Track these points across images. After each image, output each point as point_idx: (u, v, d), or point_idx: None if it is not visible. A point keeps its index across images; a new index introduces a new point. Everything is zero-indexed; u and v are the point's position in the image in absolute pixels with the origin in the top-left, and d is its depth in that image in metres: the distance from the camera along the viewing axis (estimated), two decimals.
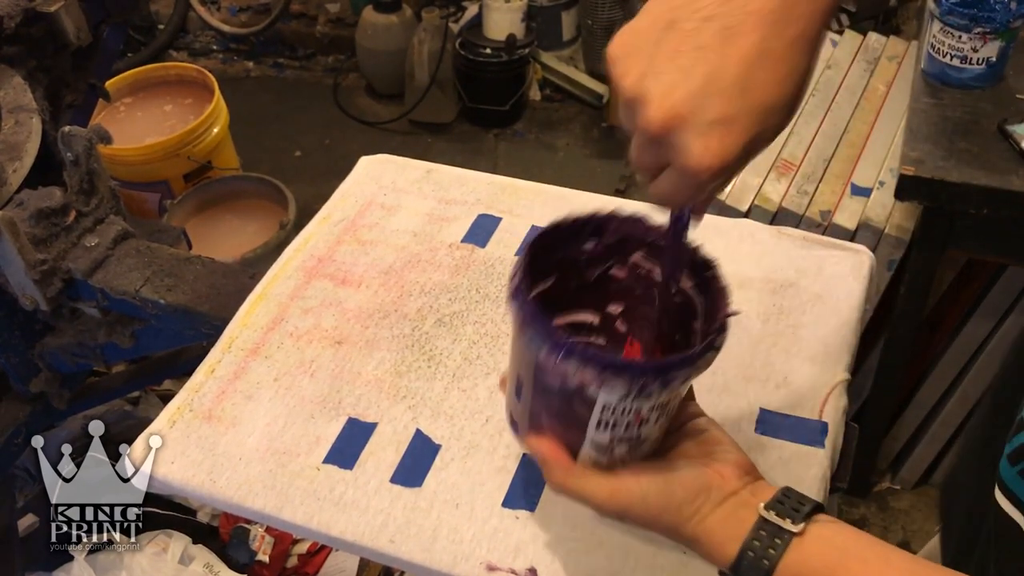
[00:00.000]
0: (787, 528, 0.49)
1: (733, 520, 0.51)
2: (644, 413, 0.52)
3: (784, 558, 0.48)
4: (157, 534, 1.43)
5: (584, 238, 0.58)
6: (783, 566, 0.48)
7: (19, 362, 1.01)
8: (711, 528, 0.51)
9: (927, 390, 1.55)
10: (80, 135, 0.90)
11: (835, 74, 1.63)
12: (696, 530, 0.52)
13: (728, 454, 0.54)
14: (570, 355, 0.49)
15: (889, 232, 1.34)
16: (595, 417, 0.52)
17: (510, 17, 2.60)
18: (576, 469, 0.54)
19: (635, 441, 0.54)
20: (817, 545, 0.49)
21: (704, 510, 0.52)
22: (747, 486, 0.53)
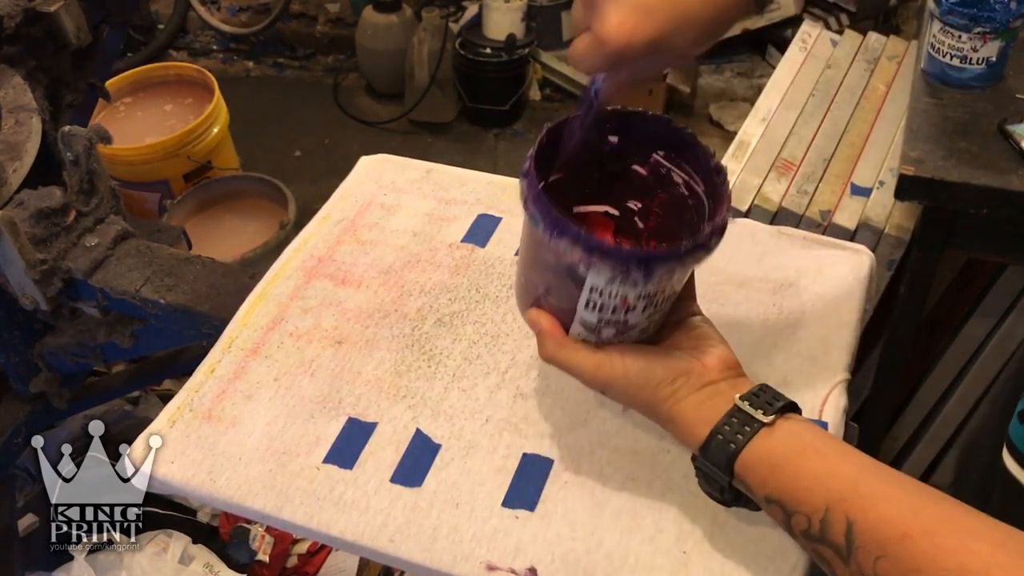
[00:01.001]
0: (758, 418, 0.52)
1: (708, 406, 0.54)
2: (631, 300, 0.54)
3: (750, 444, 0.52)
4: (157, 534, 1.43)
5: (608, 132, 0.60)
6: (748, 451, 0.52)
7: (19, 362, 1.01)
8: (685, 410, 0.55)
9: (927, 390, 1.55)
10: (80, 135, 0.91)
11: (835, 74, 1.63)
12: (672, 410, 0.55)
13: (714, 348, 0.57)
14: (562, 234, 0.52)
15: (889, 232, 1.34)
16: (584, 297, 0.55)
17: (510, 17, 2.61)
18: (567, 342, 0.58)
19: (622, 326, 0.56)
20: (783, 436, 0.52)
21: (681, 392, 0.55)
22: (727, 379, 0.56)
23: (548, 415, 0.69)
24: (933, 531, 0.44)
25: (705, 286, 0.77)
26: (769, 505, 0.52)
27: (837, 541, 0.47)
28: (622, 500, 0.63)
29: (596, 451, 0.66)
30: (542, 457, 0.66)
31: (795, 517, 0.50)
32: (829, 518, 0.48)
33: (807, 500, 0.49)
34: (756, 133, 1.51)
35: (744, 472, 0.52)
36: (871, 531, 0.46)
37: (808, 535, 0.49)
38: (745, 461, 0.52)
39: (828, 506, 0.48)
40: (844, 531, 0.47)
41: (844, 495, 0.48)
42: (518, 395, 0.71)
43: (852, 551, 0.46)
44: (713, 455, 0.53)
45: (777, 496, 0.51)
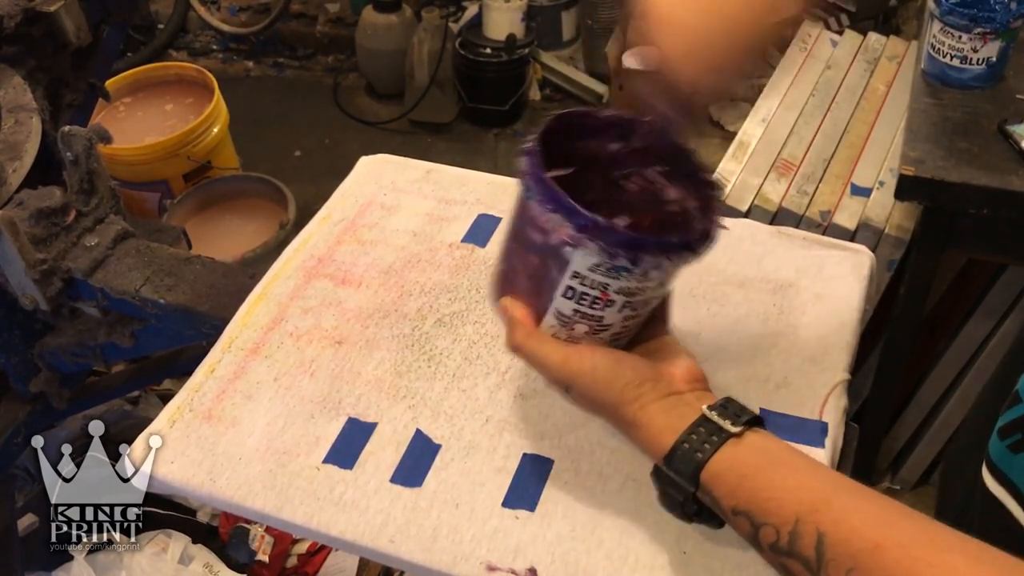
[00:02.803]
0: (726, 427, 0.51)
1: (673, 414, 0.53)
2: (611, 293, 0.54)
3: (718, 454, 0.51)
4: (157, 534, 1.43)
5: (610, 137, 0.60)
6: (715, 461, 0.51)
7: (19, 362, 1.01)
8: (651, 415, 0.54)
9: (927, 390, 1.55)
10: (80, 135, 0.90)
11: (835, 74, 1.63)
12: (637, 415, 0.54)
13: (681, 360, 0.57)
14: (557, 207, 0.51)
15: (889, 232, 1.34)
16: (564, 282, 0.54)
17: (510, 17, 2.60)
18: (537, 332, 0.57)
19: (596, 324, 0.56)
20: (750, 448, 0.51)
21: (646, 398, 0.54)
22: (693, 391, 0.55)
23: (548, 415, 0.69)
24: (907, 543, 0.43)
25: (705, 286, 0.78)
26: (736, 517, 0.50)
27: (807, 553, 0.46)
28: (622, 500, 0.63)
29: (596, 451, 0.66)
30: (542, 457, 0.66)
31: (763, 529, 0.48)
32: (799, 530, 0.47)
33: (776, 511, 0.48)
34: (756, 133, 1.51)
35: (711, 482, 0.51)
36: (843, 543, 0.45)
37: (776, 548, 0.48)
38: (712, 471, 0.51)
39: (798, 518, 0.47)
40: (815, 543, 0.46)
41: (815, 507, 0.47)
42: (518, 395, 0.71)
43: (822, 564, 0.45)
44: (678, 464, 0.52)
45: (745, 507, 0.49)
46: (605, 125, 0.59)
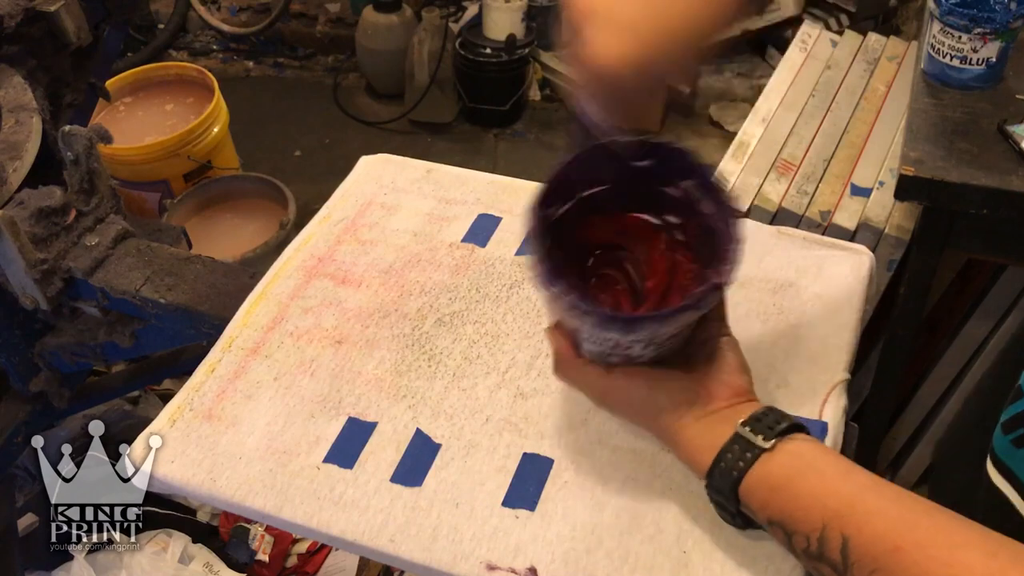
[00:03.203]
0: (758, 444, 0.53)
1: (710, 434, 0.55)
2: (624, 343, 0.56)
3: (752, 470, 0.52)
4: (157, 533, 1.43)
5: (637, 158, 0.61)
6: (749, 476, 0.53)
7: (19, 361, 1.01)
8: (690, 437, 0.56)
9: (927, 390, 1.55)
10: (80, 134, 0.91)
11: (835, 74, 1.63)
12: (676, 437, 0.57)
13: (727, 376, 0.58)
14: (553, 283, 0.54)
15: (889, 232, 1.34)
16: (584, 334, 0.57)
17: (510, 17, 2.60)
18: (577, 363, 0.60)
19: (626, 359, 0.58)
20: (783, 459, 0.53)
21: (683, 420, 0.56)
22: (732, 406, 0.56)
23: (548, 415, 0.69)
24: (925, 544, 0.45)
25: None
26: (771, 527, 0.53)
27: (834, 558, 0.48)
28: (622, 500, 0.63)
29: (596, 451, 0.66)
30: (542, 457, 0.66)
31: (795, 537, 0.51)
32: (826, 536, 0.49)
33: (805, 520, 0.50)
34: (756, 133, 1.51)
35: (747, 497, 0.53)
36: (865, 546, 0.47)
37: (808, 553, 0.50)
38: (747, 486, 0.53)
39: (825, 524, 0.49)
40: (840, 547, 0.48)
41: (840, 513, 0.49)
42: (518, 395, 0.71)
43: (848, 567, 0.47)
44: (718, 482, 0.54)
45: (778, 518, 0.52)
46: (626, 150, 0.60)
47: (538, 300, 0.78)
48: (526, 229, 0.56)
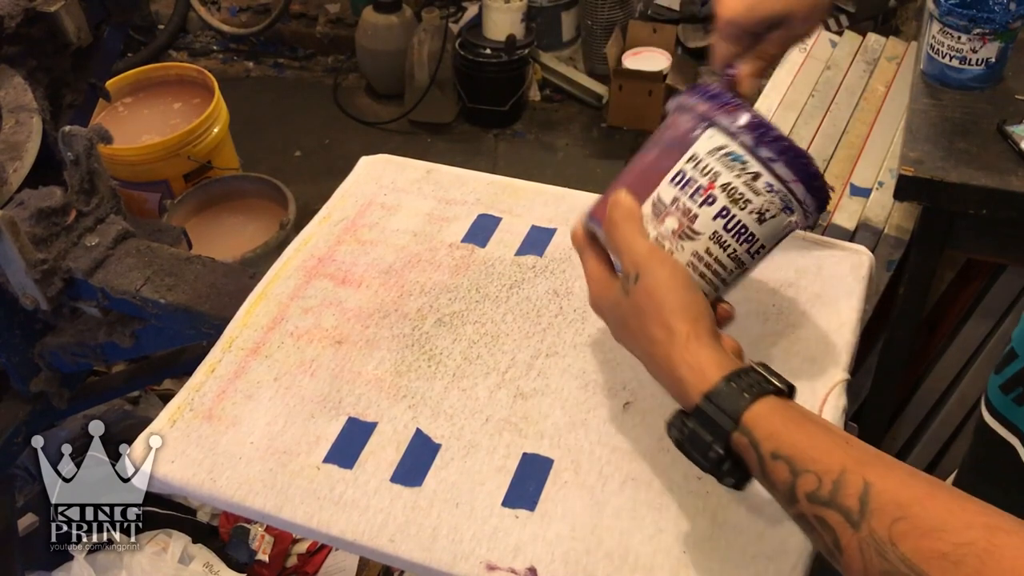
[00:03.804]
0: (774, 382, 0.51)
1: (724, 357, 0.53)
2: (716, 187, 0.55)
3: (763, 399, 0.50)
4: (157, 533, 1.43)
5: None
6: (760, 403, 0.50)
7: (19, 361, 1.01)
8: (703, 344, 0.53)
9: (927, 390, 1.55)
10: (80, 135, 0.91)
11: (834, 75, 1.63)
12: (689, 341, 0.53)
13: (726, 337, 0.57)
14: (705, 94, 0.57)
15: (888, 232, 1.34)
16: (677, 166, 0.57)
17: (510, 17, 2.61)
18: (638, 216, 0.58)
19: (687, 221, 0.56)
20: (795, 406, 0.51)
21: (703, 327, 0.54)
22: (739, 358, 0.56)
23: (548, 415, 0.69)
24: (959, 495, 0.43)
25: None
26: (775, 462, 0.48)
27: (848, 503, 0.45)
28: (622, 500, 0.63)
29: (596, 451, 0.67)
30: (542, 457, 0.67)
31: (803, 476, 0.47)
32: (844, 479, 0.45)
33: (822, 459, 0.47)
34: None
35: (754, 422, 0.49)
36: (890, 492, 0.44)
37: (815, 497, 0.46)
38: (757, 412, 0.50)
39: (845, 468, 0.46)
40: (859, 493, 0.44)
41: (863, 460, 0.46)
42: (518, 395, 0.71)
43: (866, 513, 0.44)
44: (722, 399, 0.50)
45: (788, 452, 0.48)
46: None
47: (538, 300, 0.79)
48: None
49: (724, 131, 0.56)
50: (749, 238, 0.57)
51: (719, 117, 0.56)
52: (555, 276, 0.81)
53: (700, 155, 0.56)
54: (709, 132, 0.56)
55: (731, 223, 0.56)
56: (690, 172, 0.56)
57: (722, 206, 0.56)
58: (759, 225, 0.57)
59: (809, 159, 0.56)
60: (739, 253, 0.57)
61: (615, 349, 0.72)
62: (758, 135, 0.55)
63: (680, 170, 0.57)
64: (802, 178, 0.56)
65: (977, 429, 0.63)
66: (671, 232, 0.56)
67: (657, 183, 0.58)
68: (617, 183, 0.61)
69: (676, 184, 0.57)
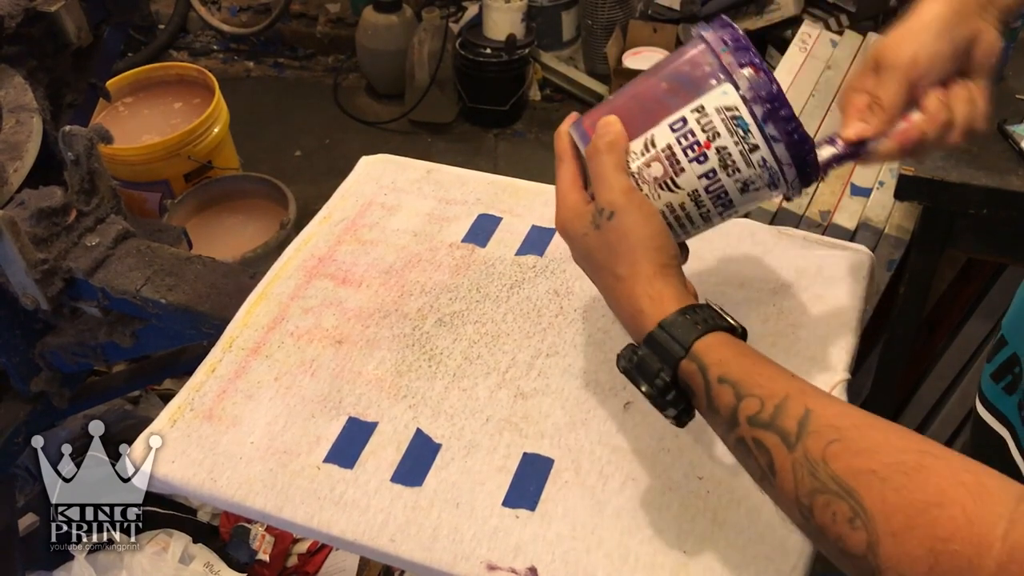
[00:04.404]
0: (728, 320, 0.53)
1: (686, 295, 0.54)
2: (712, 147, 0.55)
3: (716, 332, 0.52)
4: (157, 533, 1.43)
5: None
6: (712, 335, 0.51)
7: (20, 361, 1.01)
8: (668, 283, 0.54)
9: (927, 390, 1.55)
10: (81, 135, 0.91)
11: (835, 74, 1.63)
12: (657, 274, 0.54)
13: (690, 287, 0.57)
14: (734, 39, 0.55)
15: (889, 232, 1.34)
16: (681, 111, 0.55)
17: (510, 17, 2.61)
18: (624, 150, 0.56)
19: (672, 174, 0.56)
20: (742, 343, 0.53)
21: (671, 268, 0.55)
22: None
23: (548, 415, 0.69)
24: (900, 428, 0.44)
25: (706, 286, 0.78)
26: (720, 385, 0.50)
27: (787, 425, 0.46)
28: (622, 500, 0.63)
29: (596, 451, 0.67)
30: (542, 457, 0.67)
31: (747, 400, 0.48)
32: (786, 404, 0.47)
33: (767, 385, 0.49)
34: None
35: (704, 350, 0.51)
36: (829, 418, 0.46)
37: (755, 420, 0.48)
38: (709, 342, 0.51)
39: (788, 394, 0.48)
40: (800, 416, 0.46)
41: (807, 391, 0.48)
42: (518, 395, 0.71)
43: (802, 436, 0.46)
44: (676, 328, 0.52)
45: (735, 377, 0.50)
46: None
47: (539, 300, 0.79)
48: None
49: (739, 93, 0.54)
50: (727, 203, 0.57)
51: (739, 77, 0.54)
52: (555, 276, 0.81)
53: (707, 109, 0.55)
54: (724, 87, 0.54)
55: (714, 186, 0.56)
56: (691, 123, 0.55)
57: (711, 168, 0.55)
58: (740, 194, 0.57)
59: (811, 147, 0.55)
60: (711, 213, 0.58)
61: (616, 349, 0.72)
62: (770, 109, 0.54)
63: (682, 117, 0.55)
64: (798, 163, 0.55)
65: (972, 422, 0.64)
66: (653, 179, 0.56)
67: (656, 119, 0.56)
68: (618, 99, 0.59)
69: (674, 131, 0.56)
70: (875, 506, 0.41)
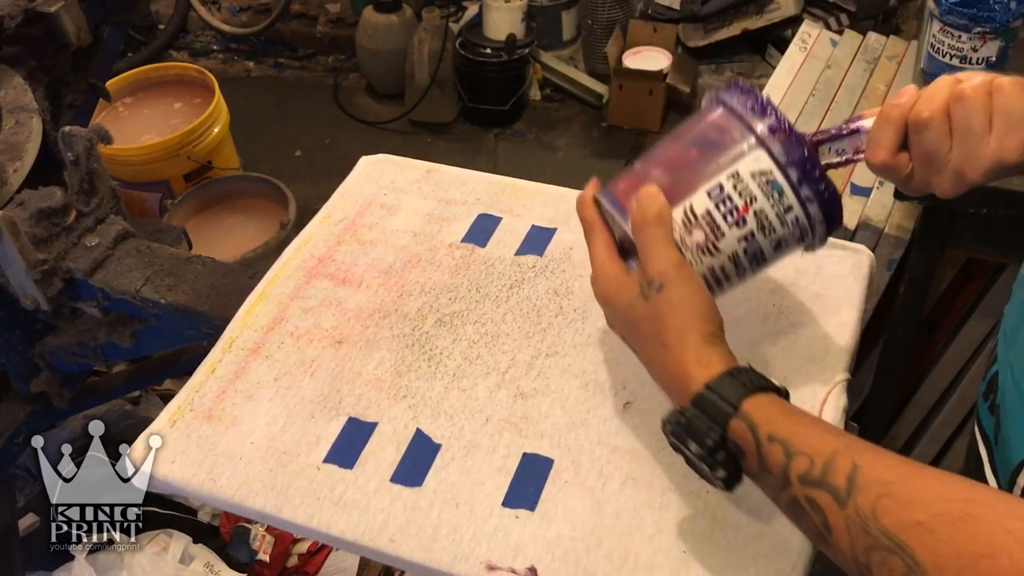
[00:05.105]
0: (772, 383, 0.54)
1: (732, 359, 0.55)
2: (750, 211, 0.55)
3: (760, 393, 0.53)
4: (157, 533, 1.43)
5: None
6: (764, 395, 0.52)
7: (20, 362, 1.01)
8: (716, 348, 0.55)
9: (927, 390, 1.55)
10: (80, 135, 0.91)
11: (835, 74, 1.63)
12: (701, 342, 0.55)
13: None
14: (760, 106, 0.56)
15: (889, 232, 1.34)
16: (718, 179, 0.56)
17: (510, 17, 2.61)
18: (669, 221, 0.57)
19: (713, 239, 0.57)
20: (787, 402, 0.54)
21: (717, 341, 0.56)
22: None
23: (548, 415, 0.69)
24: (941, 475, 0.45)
25: None
26: (771, 444, 0.50)
27: (837, 483, 0.47)
28: (622, 500, 0.63)
29: (596, 451, 0.67)
30: (542, 457, 0.67)
31: (797, 458, 0.49)
32: (835, 461, 0.48)
33: (815, 444, 0.49)
34: None
35: (753, 408, 0.52)
36: (878, 473, 0.46)
37: (806, 478, 0.48)
38: (757, 401, 0.52)
39: (836, 451, 0.48)
40: (848, 472, 0.47)
41: (853, 447, 0.48)
42: (518, 395, 0.71)
43: (853, 491, 0.46)
44: (725, 388, 0.53)
45: (784, 435, 0.50)
46: None
47: (538, 300, 0.79)
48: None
49: (774, 159, 0.55)
50: (761, 260, 0.59)
51: (772, 144, 0.55)
52: (555, 276, 0.81)
53: (743, 175, 0.56)
54: (756, 154, 0.55)
55: (752, 247, 0.57)
56: (728, 189, 0.56)
57: (749, 231, 0.56)
58: (774, 251, 0.59)
59: (840, 203, 0.57)
60: (747, 271, 0.59)
61: (615, 349, 0.72)
62: (804, 172, 0.55)
63: (719, 184, 0.56)
64: (828, 220, 0.57)
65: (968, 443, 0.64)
66: (696, 245, 0.57)
67: (693, 188, 0.57)
68: (648, 167, 0.60)
69: (712, 198, 0.56)
70: (927, 559, 0.42)
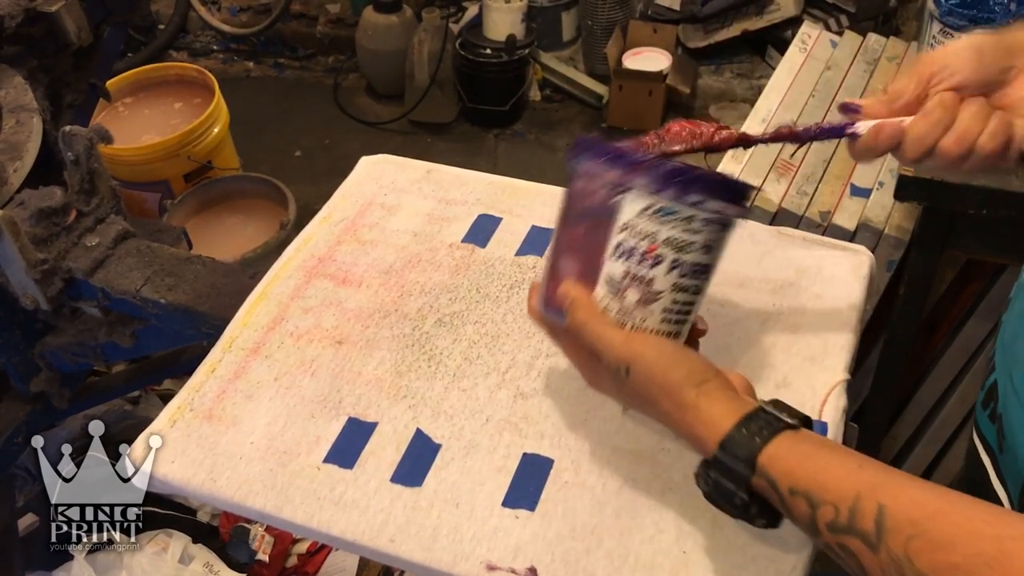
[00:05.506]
0: (784, 419, 0.52)
1: (734, 403, 0.53)
2: (659, 245, 0.55)
3: (775, 439, 0.51)
4: (157, 533, 1.43)
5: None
6: (772, 444, 0.51)
7: (20, 361, 1.01)
8: (712, 401, 0.54)
9: (926, 390, 1.55)
10: (81, 135, 0.91)
11: (835, 75, 1.63)
12: (699, 399, 0.54)
13: (733, 374, 0.57)
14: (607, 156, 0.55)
15: (889, 232, 1.34)
16: (613, 240, 0.56)
17: (510, 17, 2.61)
18: (599, 312, 0.57)
19: (647, 288, 0.56)
20: (806, 437, 0.52)
21: (710, 384, 0.54)
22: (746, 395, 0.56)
23: (548, 415, 0.69)
24: (968, 508, 0.44)
25: None
26: (793, 498, 0.50)
27: (866, 528, 0.46)
28: (622, 500, 0.63)
29: (596, 451, 0.67)
30: (542, 457, 0.67)
31: (822, 508, 0.48)
32: (859, 506, 0.46)
33: (836, 488, 0.48)
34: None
35: (769, 463, 0.51)
36: (904, 511, 0.45)
37: (835, 526, 0.47)
38: (770, 453, 0.51)
39: (859, 493, 0.47)
40: (875, 515, 0.46)
41: (874, 483, 0.47)
42: (518, 395, 0.71)
43: (882, 536, 0.45)
44: (736, 447, 0.52)
45: (804, 486, 0.49)
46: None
47: None
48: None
49: (644, 192, 0.54)
50: (703, 269, 0.58)
51: (633, 181, 0.54)
52: None
53: (630, 221, 0.55)
54: (629, 197, 0.55)
55: (684, 268, 0.56)
56: (628, 241, 0.55)
57: (672, 259, 0.55)
58: (707, 254, 0.57)
59: (729, 179, 0.55)
60: (700, 284, 0.58)
61: None
62: (679, 185, 0.54)
63: (617, 242, 0.56)
64: (731, 198, 0.55)
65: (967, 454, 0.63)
66: (635, 303, 0.56)
67: (599, 260, 0.57)
68: (557, 259, 0.60)
69: (620, 258, 0.56)
70: None
